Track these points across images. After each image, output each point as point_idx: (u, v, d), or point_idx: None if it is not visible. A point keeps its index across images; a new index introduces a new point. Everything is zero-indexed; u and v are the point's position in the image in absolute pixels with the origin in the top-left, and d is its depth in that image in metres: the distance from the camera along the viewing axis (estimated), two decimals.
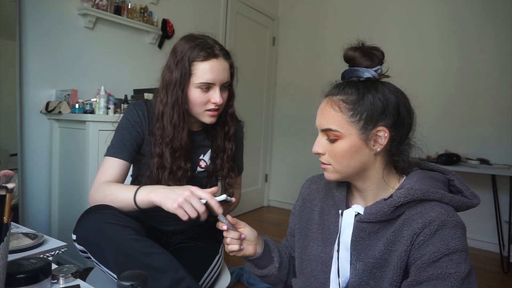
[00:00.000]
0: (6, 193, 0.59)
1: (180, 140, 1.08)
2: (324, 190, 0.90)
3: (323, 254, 0.82)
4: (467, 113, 2.93)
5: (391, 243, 0.72)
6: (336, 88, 0.76)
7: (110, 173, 1.07)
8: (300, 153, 3.75)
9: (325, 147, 0.76)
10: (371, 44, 0.76)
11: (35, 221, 1.99)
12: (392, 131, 0.73)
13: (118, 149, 1.09)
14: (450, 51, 2.99)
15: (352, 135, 0.72)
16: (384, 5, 3.28)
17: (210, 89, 1.06)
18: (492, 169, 2.52)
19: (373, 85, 0.73)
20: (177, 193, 0.91)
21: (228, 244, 0.87)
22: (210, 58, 1.04)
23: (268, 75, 3.85)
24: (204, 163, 1.20)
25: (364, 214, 0.75)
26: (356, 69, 0.74)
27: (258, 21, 3.64)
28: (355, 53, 0.74)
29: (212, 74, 1.04)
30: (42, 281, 0.64)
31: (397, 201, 0.71)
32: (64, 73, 2.07)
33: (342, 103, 0.73)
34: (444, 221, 0.68)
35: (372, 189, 0.78)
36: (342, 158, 0.74)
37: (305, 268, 0.86)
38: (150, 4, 2.52)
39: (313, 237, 0.86)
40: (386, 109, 0.72)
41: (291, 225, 0.98)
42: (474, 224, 2.81)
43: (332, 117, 0.74)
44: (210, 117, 1.10)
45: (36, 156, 1.99)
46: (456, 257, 0.66)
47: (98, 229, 0.95)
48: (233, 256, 2.44)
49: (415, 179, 0.76)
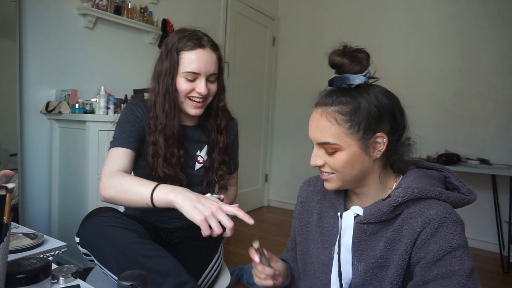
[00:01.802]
0: (6, 193, 0.59)
1: (172, 128, 1.09)
2: (321, 192, 0.90)
3: (323, 256, 0.82)
4: (467, 113, 2.92)
5: (391, 243, 0.72)
6: (328, 98, 0.73)
7: (120, 163, 1.04)
8: (300, 153, 3.75)
9: (324, 158, 0.75)
10: (356, 47, 0.74)
11: (35, 221, 1.99)
12: (390, 135, 0.73)
13: (123, 140, 1.08)
14: (450, 51, 2.99)
15: (352, 146, 0.71)
16: (385, 4, 3.28)
17: (196, 80, 1.08)
18: (492, 169, 2.52)
19: (366, 91, 0.72)
20: (204, 205, 0.85)
21: (262, 279, 0.83)
22: (196, 48, 1.07)
23: (268, 75, 3.85)
24: (201, 158, 1.21)
25: (363, 215, 0.75)
26: (346, 76, 0.72)
27: (258, 21, 3.64)
28: (343, 59, 0.71)
29: (197, 64, 1.06)
30: (42, 281, 0.64)
31: (395, 200, 0.71)
32: (64, 73, 2.07)
33: (338, 114, 0.71)
34: (444, 218, 0.68)
35: (370, 192, 0.78)
36: (343, 168, 0.73)
37: (308, 270, 0.86)
38: (150, 4, 2.52)
39: (313, 239, 0.86)
40: (382, 115, 0.71)
41: (293, 228, 0.98)
42: (474, 224, 2.81)
43: (329, 130, 0.72)
44: (193, 108, 1.11)
45: (36, 156, 1.99)
46: (459, 254, 0.66)
47: (101, 232, 0.95)
48: (233, 256, 2.46)
49: (412, 178, 0.76)
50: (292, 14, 3.84)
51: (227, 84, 1.30)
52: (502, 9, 2.77)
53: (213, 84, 1.12)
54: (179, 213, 0.88)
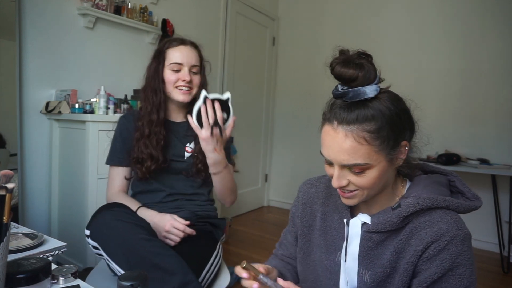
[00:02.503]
0: (6, 193, 0.59)
1: (157, 114, 1.26)
2: (324, 194, 0.87)
3: (327, 261, 0.80)
4: (467, 113, 2.93)
5: (398, 251, 0.71)
6: (349, 114, 0.66)
7: (117, 184, 1.30)
8: (300, 153, 3.74)
9: (348, 178, 0.69)
10: (357, 51, 0.68)
11: (35, 221, 1.99)
12: (410, 141, 0.71)
13: (115, 157, 1.30)
14: (450, 51, 2.99)
15: (381, 162, 0.67)
16: (385, 4, 3.28)
17: (180, 70, 1.26)
18: (492, 169, 2.52)
19: (384, 100, 0.67)
20: (160, 227, 1.14)
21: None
22: (179, 44, 1.28)
23: (268, 75, 3.85)
24: (190, 149, 1.31)
25: (372, 224, 0.73)
26: (362, 90, 0.65)
27: (258, 21, 3.64)
28: (355, 71, 0.64)
29: (180, 56, 1.25)
30: (42, 281, 0.64)
31: (406, 211, 0.69)
32: (64, 73, 2.07)
33: (367, 133, 0.65)
34: (454, 236, 0.67)
35: (379, 198, 0.76)
36: (372, 185, 0.69)
37: (310, 274, 0.84)
38: (150, 4, 2.52)
39: (315, 243, 0.84)
40: (403, 122, 0.69)
41: (294, 229, 0.93)
42: (474, 224, 2.81)
43: (358, 151, 0.65)
44: (181, 94, 1.26)
45: (36, 156, 1.99)
46: (460, 272, 0.66)
47: (111, 226, 1.01)
48: (233, 256, 2.46)
49: (422, 186, 0.74)
50: (292, 14, 3.84)
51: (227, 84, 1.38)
52: (502, 9, 2.77)
53: (196, 76, 1.29)
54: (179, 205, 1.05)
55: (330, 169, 0.72)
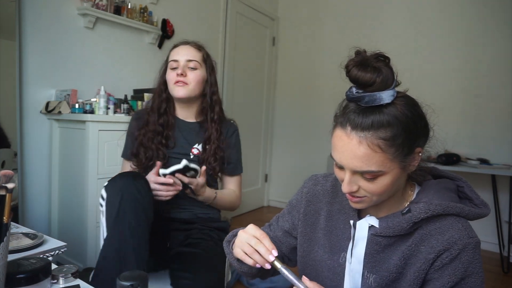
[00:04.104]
0: (6, 193, 0.59)
1: (158, 112, 1.33)
2: (330, 193, 0.85)
3: (330, 261, 0.79)
4: (468, 113, 2.93)
5: (407, 257, 0.70)
6: (365, 119, 0.63)
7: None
8: (300, 153, 3.74)
9: (359, 183, 0.68)
10: (376, 52, 0.65)
11: (35, 221, 1.99)
12: (423, 147, 0.70)
13: (126, 152, 1.40)
14: (450, 51, 2.99)
15: (394, 169, 0.66)
16: (385, 4, 3.28)
17: (178, 68, 1.30)
18: (492, 169, 2.52)
19: (401, 106, 0.65)
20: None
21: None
22: (179, 45, 1.35)
23: (268, 75, 3.85)
24: (196, 150, 1.35)
25: (380, 228, 0.72)
26: (379, 96, 0.63)
27: (258, 21, 3.64)
28: (372, 76, 0.62)
29: (177, 54, 1.32)
30: (42, 281, 0.64)
31: (417, 217, 0.68)
32: (64, 73, 2.07)
33: (381, 141, 0.63)
34: (466, 244, 0.66)
35: (389, 202, 0.74)
36: (384, 192, 0.68)
37: (310, 272, 0.83)
38: (150, 4, 2.51)
39: (318, 242, 0.83)
40: (418, 128, 0.67)
41: (290, 221, 0.91)
42: (474, 224, 2.80)
43: (372, 159, 0.63)
44: (176, 89, 1.30)
45: (36, 156, 1.98)
46: (472, 280, 0.66)
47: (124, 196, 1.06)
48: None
49: (432, 192, 0.73)
50: (292, 14, 3.84)
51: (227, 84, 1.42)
52: (503, 9, 2.77)
53: (193, 71, 1.31)
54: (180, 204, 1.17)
55: (341, 172, 0.70)
